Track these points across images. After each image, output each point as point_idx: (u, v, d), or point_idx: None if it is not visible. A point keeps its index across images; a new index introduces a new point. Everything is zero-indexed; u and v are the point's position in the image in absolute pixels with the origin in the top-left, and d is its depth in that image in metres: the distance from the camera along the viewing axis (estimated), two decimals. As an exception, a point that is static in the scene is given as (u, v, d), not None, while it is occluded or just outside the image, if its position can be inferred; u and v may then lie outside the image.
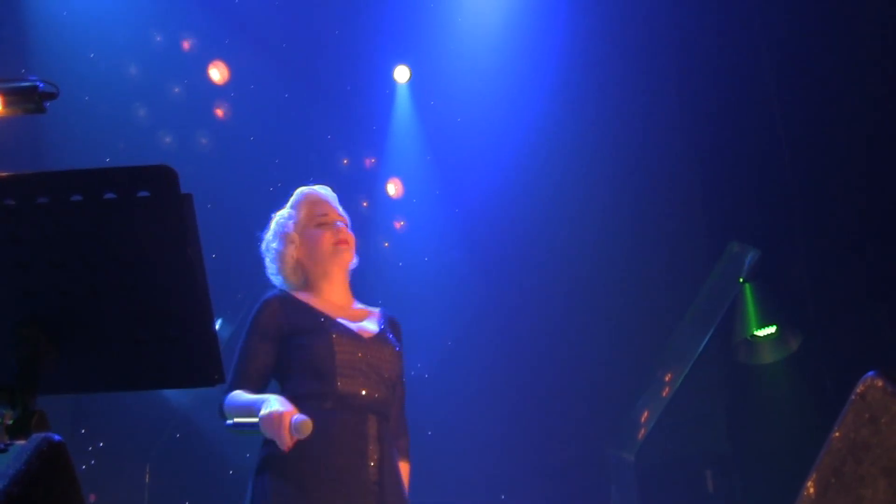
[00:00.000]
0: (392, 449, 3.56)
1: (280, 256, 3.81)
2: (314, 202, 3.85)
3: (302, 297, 3.71)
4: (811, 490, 1.54)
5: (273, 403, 3.17)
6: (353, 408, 3.47)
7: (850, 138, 6.33)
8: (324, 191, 3.94)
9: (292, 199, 3.91)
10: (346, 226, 3.84)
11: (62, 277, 1.77)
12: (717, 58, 7.51)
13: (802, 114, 6.65)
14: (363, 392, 3.49)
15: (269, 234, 3.88)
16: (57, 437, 1.49)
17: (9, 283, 1.77)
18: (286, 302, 3.64)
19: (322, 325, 3.56)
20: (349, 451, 3.40)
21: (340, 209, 3.91)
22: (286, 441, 3.07)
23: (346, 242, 3.76)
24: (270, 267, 3.85)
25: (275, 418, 3.09)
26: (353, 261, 3.82)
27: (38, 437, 1.48)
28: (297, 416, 3.09)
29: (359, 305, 3.84)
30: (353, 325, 3.65)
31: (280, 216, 3.89)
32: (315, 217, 3.80)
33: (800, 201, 6.64)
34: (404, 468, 3.74)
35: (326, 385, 3.46)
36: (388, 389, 3.61)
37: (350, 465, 3.38)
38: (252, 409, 3.22)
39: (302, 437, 3.07)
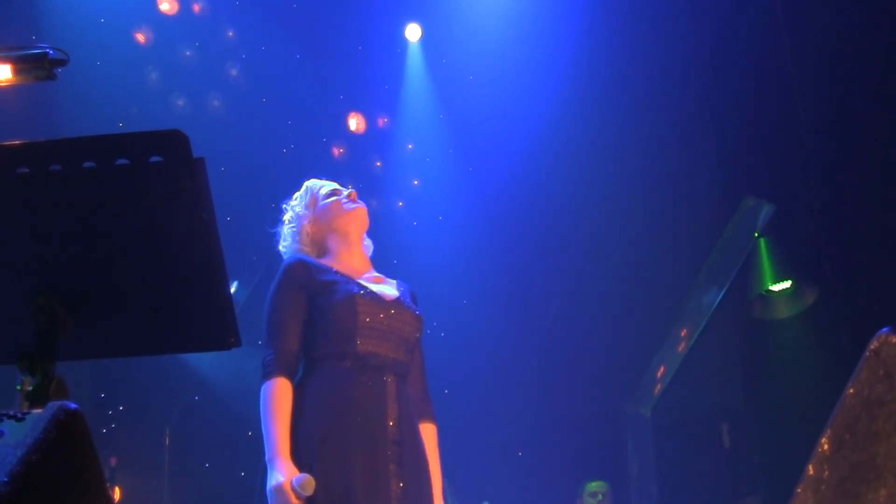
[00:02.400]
0: (411, 408, 3.58)
1: (298, 233, 3.84)
2: (321, 185, 3.90)
3: (323, 261, 3.74)
4: (825, 446, 1.54)
5: (276, 476, 3.27)
6: (372, 367, 3.49)
7: (866, 90, 6.28)
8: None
9: (301, 191, 3.93)
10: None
11: (77, 245, 1.78)
12: (731, 9, 7.45)
13: (817, 67, 6.60)
14: (382, 352, 3.52)
15: (284, 228, 3.90)
16: (73, 405, 1.50)
17: (25, 252, 1.77)
18: (308, 264, 3.65)
19: (345, 286, 3.58)
20: (368, 410, 3.43)
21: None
22: None
23: (356, 201, 3.80)
24: (289, 247, 3.86)
25: (276, 491, 3.23)
26: (367, 218, 3.83)
27: (54, 405, 1.49)
28: (297, 478, 3.22)
29: (378, 274, 3.86)
30: (374, 288, 3.66)
31: (290, 206, 3.91)
32: (325, 193, 3.85)
33: (814, 154, 6.60)
34: (432, 430, 3.78)
35: (346, 345, 3.49)
36: (408, 351, 3.63)
37: (369, 424, 3.41)
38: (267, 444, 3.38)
39: (309, 493, 3.20)
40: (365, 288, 3.62)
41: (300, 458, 3.34)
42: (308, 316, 3.56)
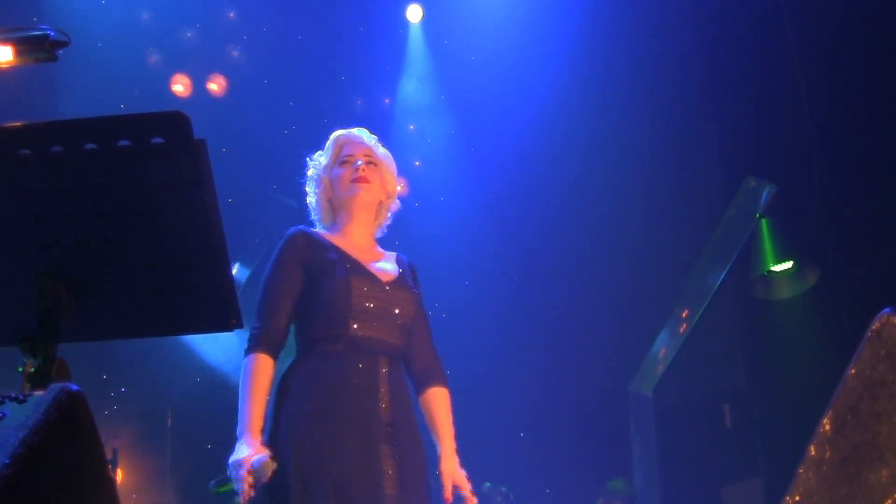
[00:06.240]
0: (404, 390, 3.58)
1: (314, 198, 3.82)
2: (343, 143, 3.82)
3: (327, 236, 3.71)
4: (827, 427, 1.54)
5: (241, 450, 3.26)
6: (365, 350, 3.48)
7: (868, 70, 6.26)
8: (356, 131, 3.87)
9: (327, 144, 3.88)
10: (375, 164, 3.79)
11: (78, 226, 1.78)
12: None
13: (818, 47, 6.58)
14: (375, 335, 3.50)
15: (309, 183, 3.87)
16: (75, 387, 1.50)
17: (26, 234, 1.77)
18: (310, 238, 3.63)
19: (342, 267, 3.55)
20: (360, 393, 3.41)
21: (373, 148, 3.85)
22: (245, 486, 3.18)
23: (363, 180, 3.70)
24: (313, 207, 3.87)
25: (236, 465, 3.22)
26: (372, 198, 3.77)
27: (56, 387, 1.49)
28: (257, 458, 3.21)
29: (380, 249, 3.83)
30: (372, 268, 3.64)
31: (314, 159, 3.87)
32: (340, 157, 3.78)
33: (816, 134, 6.59)
34: (444, 394, 3.79)
35: (339, 328, 3.47)
36: (402, 333, 3.62)
37: (361, 406, 3.40)
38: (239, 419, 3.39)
39: (264, 476, 3.20)
40: (362, 269, 3.59)
41: (280, 437, 3.35)
42: (302, 293, 3.56)
